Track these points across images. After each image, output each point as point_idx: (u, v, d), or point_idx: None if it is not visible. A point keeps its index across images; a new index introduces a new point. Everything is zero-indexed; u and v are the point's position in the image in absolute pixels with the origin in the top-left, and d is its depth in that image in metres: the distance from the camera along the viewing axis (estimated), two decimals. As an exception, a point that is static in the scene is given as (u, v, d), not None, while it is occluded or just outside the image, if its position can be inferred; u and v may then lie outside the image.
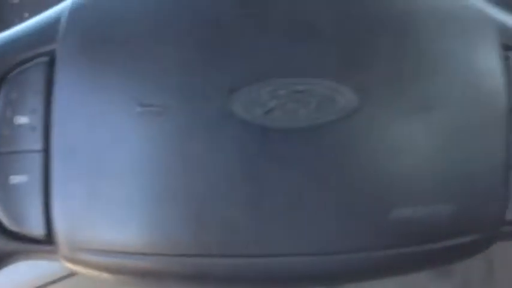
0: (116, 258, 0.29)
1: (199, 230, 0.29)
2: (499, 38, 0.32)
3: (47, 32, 0.31)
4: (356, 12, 0.30)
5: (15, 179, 0.30)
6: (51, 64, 0.30)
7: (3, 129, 0.30)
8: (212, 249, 0.29)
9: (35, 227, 0.30)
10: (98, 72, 0.29)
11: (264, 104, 0.29)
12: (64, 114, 0.29)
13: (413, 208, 0.30)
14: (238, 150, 0.29)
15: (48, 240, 0.30)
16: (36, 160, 0.29)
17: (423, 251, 0.30)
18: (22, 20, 0.33)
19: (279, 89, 0.29)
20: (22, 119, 0.30)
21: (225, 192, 0.29)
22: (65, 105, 0.29)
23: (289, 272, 0.30)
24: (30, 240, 0.30)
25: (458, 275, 0.82)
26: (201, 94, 0.29)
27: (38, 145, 0.29)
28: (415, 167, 0.30)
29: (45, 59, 0.30)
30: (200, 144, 0.29)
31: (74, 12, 0.30)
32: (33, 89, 0.30)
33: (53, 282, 0.60)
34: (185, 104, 0.29)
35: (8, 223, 0.30)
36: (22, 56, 0.30)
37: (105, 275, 0.30)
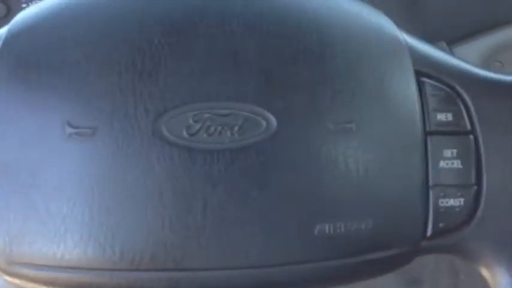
0: (50, 272, 0.31)
1: (129, 246, 0.30)
2: (413, 65, 0.34)
3: None
4: (276, 41, 0.32)
5: None
6: None
7: None
8: (142, 264, 0.30)
9: None
10: (31, 95, 0.31)
11: (190, 127, 0.31)
12: None
13: (335, 224, 0.31)
14: (166, 171, 0.30)
15: None
16: None
17: (346, 264, 0.32)
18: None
19: (204, 113, 0.31)
20: None
21: (153, 210, 0.30)
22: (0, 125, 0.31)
23: (218, 284, 0.32)
24: None
25: (427, 285, 0.84)
26: (130, 117, 0.30)
27: None
28: (335, 186, 0.32)
29: None
30: (129, 165, 0.30)
31: (10, 38, 0.32)
32: None
33: None
34: (114, 127, 0.30)
35: None
36: None
37: None
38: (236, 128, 0.31)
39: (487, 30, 0.63)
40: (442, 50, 0.36)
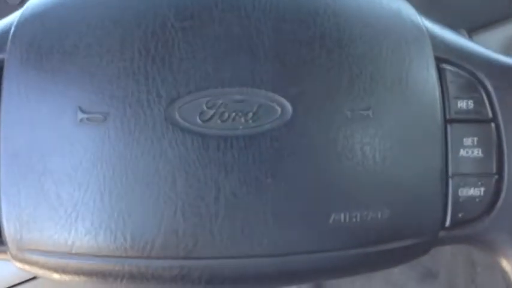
0: (60, 259, 0.31)
1: (141, 233, 0.30)
2: (433, 51, 0.33)
3: None
4: (292, 25, 0.31)
5: None
6: (0, 72, 0.31)
7: None
8: (153, 251, 0.30)
9: None
10: (43, 80, 0.31)
11: (203, 113, 0.30)
12: (10, 120, 0.31)
13: (351, 213, 0.31)
14: (178, 157, 0.30)
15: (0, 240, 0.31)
16: None
17: (362, 254, 0.32)
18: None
19: (218, 99, 0.30)
20: None
21: (165, 197, 0.30)
22: (11, 111, 0.31)
23: (230, 273, 0.31)
24: None
25: (443, 277, 0.83)
26: (143, 103, 0.30)
27: None
28: (351, 174, 0.31)
29: None
30: (141, 151, 0.30)
31: (22, 23, 0.32)
32: None
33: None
34: (126, 112, 0.30)
35: None
36: None
37: (53, 275, 0.32)
38: (250, 115, 0.30)
39: (507, 19, 0.62)
40: (463, 36, 0.36)
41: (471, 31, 0.59)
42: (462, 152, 0.33)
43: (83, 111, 0.30)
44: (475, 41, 0.36)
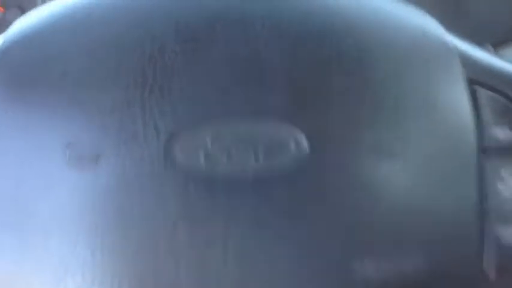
0: None
1: (137, 286, 0.27)
2: (465, 72, 0.30)
3: None
4: (308, 49, 0.28)
5: None
6: None
7: None
8: None
9: None
10: (28, 115, 0.28)
11: (207, 149, 0.27)
12: None
13: (376, 261, 0.27)
14: (180, 204, 0.27)
15: None
16: None
17: None
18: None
19: (223, 133, 0.27)
20: None
21: (166, 250, 0.27)
22: None
23: None
24: None
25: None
26: (138, 139, 0.27)
27: None
28: (377, 217, 0.28)
29: None
30: (137, 195, 0.27)
31: (4, 50, 0.29)
32: None
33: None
34: (120, 150, 0.27)
35: None
36: None
37: None
38: (261, 151, 0.27)
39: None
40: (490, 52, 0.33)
41: (496, 45, 0.57)
42: (500, 185, 0.30)
43: (72, 151, 0.27)
44: (501, 56, 0.33)
